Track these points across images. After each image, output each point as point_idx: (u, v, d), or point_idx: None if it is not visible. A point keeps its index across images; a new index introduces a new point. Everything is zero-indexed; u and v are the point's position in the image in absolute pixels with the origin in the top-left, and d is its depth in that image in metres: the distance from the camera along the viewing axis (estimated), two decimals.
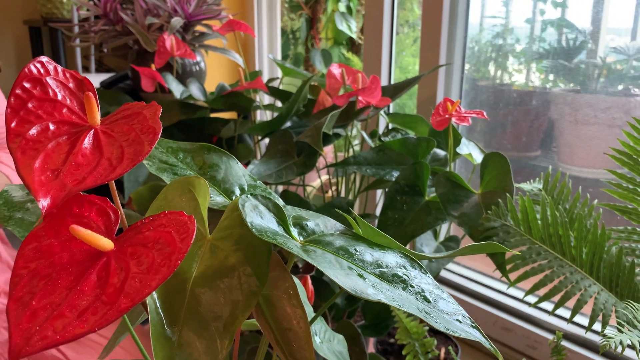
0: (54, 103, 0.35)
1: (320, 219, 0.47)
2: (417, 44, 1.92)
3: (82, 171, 0.31)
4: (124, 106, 0.37)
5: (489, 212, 0.74)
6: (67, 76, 0.37)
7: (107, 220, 0.32)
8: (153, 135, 0.33)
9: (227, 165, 0.53)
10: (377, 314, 0.91)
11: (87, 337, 0.93)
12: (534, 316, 1.17)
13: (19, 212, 0.51)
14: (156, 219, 0.32)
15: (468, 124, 0.83)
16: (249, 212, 0.41)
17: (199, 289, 0.38)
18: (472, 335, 0.36)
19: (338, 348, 0.58)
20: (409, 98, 1.80)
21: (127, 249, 0.31)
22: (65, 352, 0.88)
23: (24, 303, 0.28)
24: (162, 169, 0.50)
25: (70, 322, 0.27)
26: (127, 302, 0.28)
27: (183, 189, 0.42)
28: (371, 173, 0.89)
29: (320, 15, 2.17)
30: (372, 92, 0.97)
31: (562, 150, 1.41)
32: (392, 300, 0.36)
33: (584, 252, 0.70)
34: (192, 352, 0.35)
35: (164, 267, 0.29)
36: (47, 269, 0.30)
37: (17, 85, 0.34)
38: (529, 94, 1.45)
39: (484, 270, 1.35)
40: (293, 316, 0.41)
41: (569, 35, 1.34)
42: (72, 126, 0.35)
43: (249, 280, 0.38)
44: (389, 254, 0.43)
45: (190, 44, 1.32)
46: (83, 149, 0.33)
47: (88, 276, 0.29)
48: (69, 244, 0.31)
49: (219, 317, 0.37)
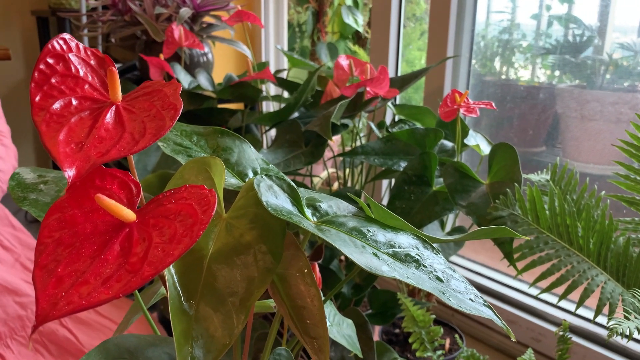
0: (76, 79, 0.35)
1: (333, 201, 0.48)
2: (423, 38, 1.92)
3: (105, 144, 0.32)
4: (144, 84, 0.38)
5: (497, 201, 0.74)
6: (88, 53, 0.37)
7: (129, 193, 0.33)
8: (174, 111, 0.34)
9: (240, 149, 0.54)
10: (384, 303, 0.92)
11: (97, 322, 0.93)
12: (538, 309, 1.17)
13: (32, 193, 0.52)
14: (177, 192, 0.33)
15: (476, 115, 0.83)
16: (264, 192, 0.41)
17: (216, 265, 0.38)
18: (484, 313, 0.37)
19: (347, 332, 0.58)
20: (415, 92, 1.80)
21: (149, 221, 0.31)
22: (77, 335, 0.89)
23: (49, 270, 0.29)
24: (177, 150, 0.50)
25: (95, 288, 0.28)
26: (150, 270, 0.28)
27: (199, 169, 0.43)
28: (379, 163, 0.89)
29: (327, 8, 2.17)
30: (381, 83, 0.97)
31: (567, 146, 1.41)
32: (407, 278, 0.36)
33: (592, 242, 0.70)
34: (208, 326, 0.36)
35: (186, 237, 0.29)
36: (71, 239, 0.30)
37: (41, 60, 0.35)
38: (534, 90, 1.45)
39: (488, 263, 1.35)
40: (307, 294, 0.41)
41: (576, 31, 1.34)
42: (94, 102, 0.35)
43: (264, 257, 0.39)
44: (401, 235, 0.44)
45: (198, 35, 1.33)
46: (105, 123, 0.33)
47: (111, 246, 0.30)
48: (92, 215, 0.31)
49: (235, 292, 0.37)
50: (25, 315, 0.90)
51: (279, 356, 0.46)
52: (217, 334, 0.36)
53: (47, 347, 0.89)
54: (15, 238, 1.00)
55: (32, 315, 0.91)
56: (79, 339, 0.89)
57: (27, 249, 1.01)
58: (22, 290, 0.91)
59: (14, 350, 0.87)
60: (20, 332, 0.89)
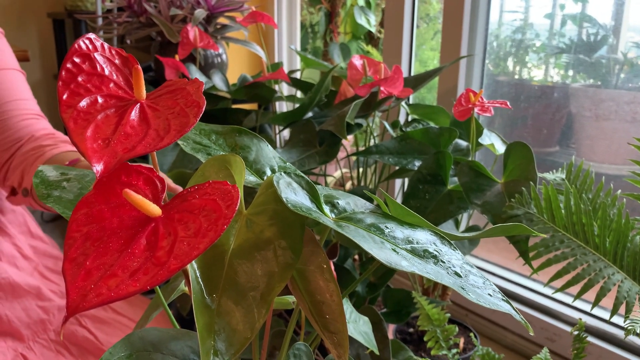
0: (102, 78, 0.36)
1: (351, 198, 0.48)
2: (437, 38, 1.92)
3: (131, 140, 0.33)
4: (167, 82, 0.38)
5: (512, 200, 0.74)
6: (112, 53, 0.38)
7: (154, 189, 0.33)
8: (197, 108, 0.34)
9: (257, 147, 0.55)
10: (398, 301, 0.92)
11: (115, 320, 0.95)
12: (552, 309, 1.17)
13: (55, 190, 0.53)
14: (201, 188, 0.33)
15: (490, 114, 0.83)
16: (283, 189, 0.42)
17: (237, 261, 0.39)
18: (503, 307, 0.37)
19: (364, 329, 0.59)
20: (428, 92, 1.80)
21: (174, 215, 0.32)
22: (96, 334, 0.90)
23: (78, 263, 0.30)
24: (197, 149, 0.51)
25: (122, 280, 0.29)
26: (176, 263, 0.29)
27: (220, 166, 0.43)
28: (393, 162, 0.90)
29: (339, 9, 2.18)
30: (395, 83, 0.98)
31: (582, 145, 1.40)
32: (426, 273, 0.37)
33: (608, 241, 0.70)
34: (230, 320, 0.37)
35: (211, 232, 0.30)
36: (99, 233, 0.31)
37: (68, 59, 0.35)
38: (548, 89, 1.44)
39: (502, 263, 1.35)
40: (326, 289, 0.42)
41: (590, 30, 1.34)
42: (119, 100, 0.36)
43: (284, 253, 0.39)
44: (419, 231, 0.44)
45: (213, 36, 1.34)
46: (131, 120, 0.34)
47: (138, 240, 0.31)
48: (119, 210, 0.32)
49: (256, 287, 0.38)
50: (47, 319, 0.92)
51: (298, 351, 0.47)
52: (239, 328, 0.36)
53: (68, 348, 0.90)
54: (31, 247, 1.01)
55: (53, 319, 0.92)
56: (98, 338, 0.90)
57: (43, 256, 1.02)
58: (45, 295, 0.93)
59: (36, 352, 0.88)
60: (42, 335, 0.91)
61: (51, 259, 1.04)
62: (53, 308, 0.93)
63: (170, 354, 0.37)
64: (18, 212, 1.04)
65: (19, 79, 0.92)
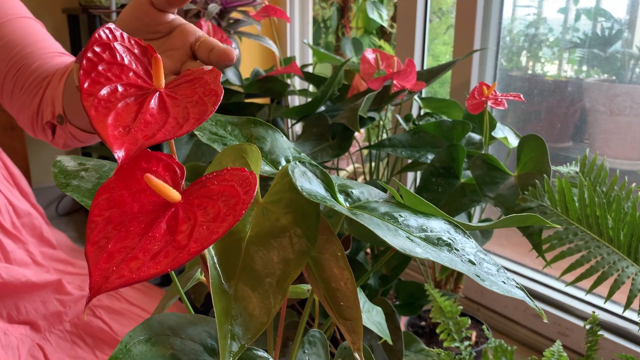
0: (122, 67, 0.37)
1: (365, 188, 0.49)
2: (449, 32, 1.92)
3: (151, 128, 0.33)
4: (186, 72, 0.39)
5: (526, 193, 0.74)
6: (132, 42, 0.39)
7: (174, 175, 0.34)
8: (216, 97, 0.35)
9: (272, 138, 0.55)
10: (411, 294, 0.92)
11: (129, 311, 0.96)
12: (565, 303, 1.17)
13: (74, 179, 0.54)
14: (220, 175, 0.34)
15: (504, 107, 0.83)
16: (298, 177, 0.42)
17: (253, 248, 0.39)
18: (517, 294, 0.37)
19: (377, 319, 0.59)
20: (440, 86, 1.80)
21: (193, 201, 0.32)
22: (111, 324, 0.92)
23: (100, 246, 0.31)
24: (213, 139, 0.52)
25: (144, 263, 0.29)
26: (196, 246, 0.30)
27: (236, 155, 0.44)
28: (406, 155, 0.90)
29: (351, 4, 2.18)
30: (407, 76, 0.98)
31: (595, 140, 1.39)
32: (441, 260, 0.37)
33: (622, 234, 0.70)
34: (247, 305, 0.37)
35: (230, 216, 0.31)
36: (120, 217, 0.32)
37: (89, 48, 0.36)
38: (562, 84, 1.43)
39: (514, 257, 1.35)
40: (340, 277, 0.42)
41: (604, 25, 1.33)
42: (138, 89, 0.37)
43: (299, 240, 0.40)
44: (432, 220, 0.44)
45: (226, 31, 1.35)
46: (150, 109, 0.35)
47: (158, 224, 0.31)
48: (139, 195, 0.33)
49: (272, 273, 0.39)
50: (63, 311, 0.93)
51: (313, 337, 0.47)
52: (256, 313, 0.37)
53: (83, 339, 0.92)
54: (41, 253, 1.03)
55: (69, 311, 0.94)
56: (112, 328, 0.92)
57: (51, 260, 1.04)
58: (64, 289, 0.95)
59: (52, 343, 0.90)
60: (58, 326, 0.92)
61: (60, 262, 1.05)
62: (70, 301, 0.95)
63: (188, 338, 0.38)
64: (33, 215, 1.05)
65: (34, 24, 0.88)
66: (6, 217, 0.98)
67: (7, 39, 0.82)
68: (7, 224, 0.98)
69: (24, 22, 0.86)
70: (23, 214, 1.03)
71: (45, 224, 1.09)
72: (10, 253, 0.94)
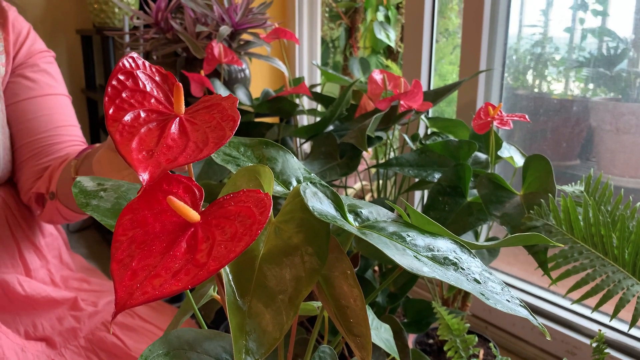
0: (144, 94, 0.39)
1: (373, 208, 0.50)
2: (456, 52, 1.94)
3: (173, 152, 0.35)
4: (203, 98, 0.41)
5: (531, 212, 0.76)
6: (153, 70, 0.41)
7: (193, 197, 0.36)
8: (233, 122, 0.37)
9: (284, 159, 0.57)
10: (419, 311, 0.93)
11: (142, 327, 0.98)
12: (573, 322, 1.17)
13: (94, 199, 0.56)
14: (236, 196, 0.36)
15: (509, 127, 0.85)
16: (310, 198, 0.44)
17: (266, 265, 0.41)
18: (520, 312, 0.39)
19: (385, 336, 0.61)
20: (447, 105, 1.82)
21: (211, 221, 0.34)
22: (124, 340, 0.93)
23: (124, 264, 0.32)
24: (227, 160, 0.54)
25: (166, 280, 0.31)
26: (215, 264, 0.31)
27: (250, 177, 0.46)
28: (413, 174, 0.91)
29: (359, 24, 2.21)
30: (414, 97, 1.00)
31: (602, 159, 1.40)
32: (447, 279, 0.39)
33: (627, 252, 0.71)
34: (260, 321, 0.39)
35: (246, 236, 0.32)
36: (143, 237, 0.34)
37: (113, 77, 0.38)
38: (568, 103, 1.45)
39: (521, 275, 1.35)
40: (350, 295, 0.44)
41: (610, 44, 1.35)
42: (160, 114, 0.39)
43: (310, 259, 0.42)
44: (439, 239, 0.46)
45: (237, 52, 1.38)
46: (171, 133, 0.37)
47: (179, 243, 0.33)
48: (161, 216, 0.35)
49: (284, 290, 0.40)
50: (78, 327, 0.95)
51: (323, 354, 0.49)
52: (269, 329, 0.38)
53: (98, 354, 0.94)
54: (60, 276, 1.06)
55: (84, 327, 0.96)
56: (126, 344, 0.93)
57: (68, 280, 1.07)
58: (80, 306, 0.97)
59: (67, 358, 0.91)
60: (73, 342, 0.94)
61: (75, 280, 1.08)
62: (84, 317, 0.97)
63: (204, 352, 0.40)
64: (55, 236, 1.08)
65: (67, 104, 0.98)
66: (37, 234, 1.01)
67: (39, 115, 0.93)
68: (37, 240, 1.01)
69: (59, 100, 0.97)
70: (47, 234, 1.05)
71: (64, 246, 1.11)
72: (33, 271, 0.97)
